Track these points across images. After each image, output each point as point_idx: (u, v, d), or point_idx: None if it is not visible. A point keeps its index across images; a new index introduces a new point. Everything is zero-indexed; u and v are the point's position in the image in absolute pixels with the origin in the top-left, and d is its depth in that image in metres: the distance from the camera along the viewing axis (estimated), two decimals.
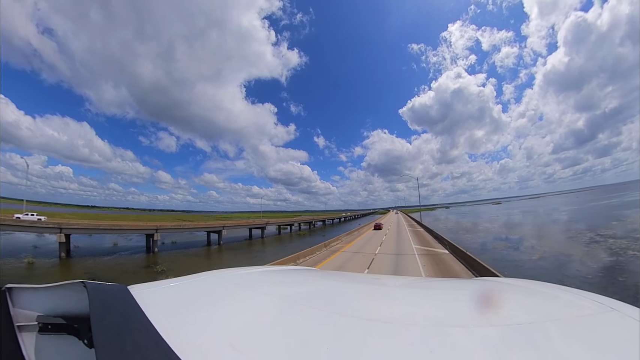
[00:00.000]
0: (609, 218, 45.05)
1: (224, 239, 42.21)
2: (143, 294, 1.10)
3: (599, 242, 26.60)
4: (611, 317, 1.04)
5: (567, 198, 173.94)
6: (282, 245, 42.67)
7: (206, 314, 1.06)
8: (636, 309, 1.08)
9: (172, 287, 1.40)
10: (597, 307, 1.15)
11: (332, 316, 1.07)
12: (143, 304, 0.89)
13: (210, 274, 1.80)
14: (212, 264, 27.65)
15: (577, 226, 40.13)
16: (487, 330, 0.98)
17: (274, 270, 2.41)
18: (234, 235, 53.08)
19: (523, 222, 57.50)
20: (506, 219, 70.12)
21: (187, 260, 29.85)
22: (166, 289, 1.36)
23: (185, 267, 25.11)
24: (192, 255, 33.55)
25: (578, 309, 1.21)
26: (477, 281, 2.59)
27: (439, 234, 25.93)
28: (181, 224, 44.57)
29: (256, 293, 1.51)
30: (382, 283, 2.22)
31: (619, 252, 21.51)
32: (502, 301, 1.50)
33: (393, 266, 14.62)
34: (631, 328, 0.93)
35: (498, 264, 17.41)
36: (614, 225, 36.37)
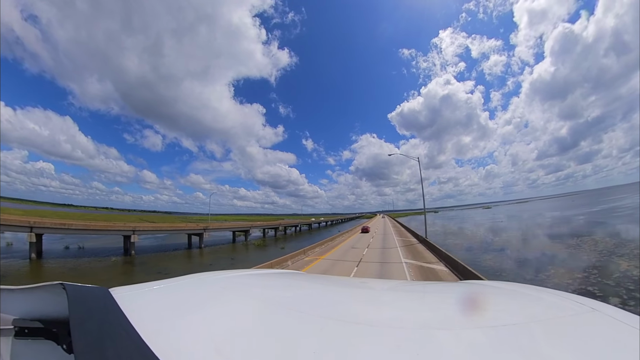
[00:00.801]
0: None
1: (205, 241, 41.41)
2: (125, 297, 1.07)
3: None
4: (592, 317, 1.09)
5: (558, 202, 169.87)
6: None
7: (191, 318, 1.04)
8: (614, 309, 1.16)
9: (155, 290, 1.37)
10: (578, 307, 1.20)
11: (319, 320, 1.07)
12: (125, 307, 0.87)
13: (195, 276, 1.77)
14: (191, 268, 27.10)
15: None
16: (473, 332, 1.00)
17: (261, 273, 2.44)
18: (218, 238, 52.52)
19: (548, 232, 40.11)
20: (516, 226, 55.16)
21: (165, 264, 28.87)
22: (149, 291, 1.33)
23: (163, 271, 24.50)
24: (171, 258, 32.61)
25: (561, 310, 1.25)
26: (463, 284, 2.68)
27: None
28: (161, 225, 43.60)
29: (242, 297, 1.49)
30: (369, 286, 2.25)
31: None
32: (488, 303, 1.53)
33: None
34: (611, 327, 1.01)
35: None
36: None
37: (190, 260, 32.78)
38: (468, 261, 15.25)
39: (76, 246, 36.58)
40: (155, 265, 27.01)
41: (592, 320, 1.07)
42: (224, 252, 37.85)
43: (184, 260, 32.28)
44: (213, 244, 44.35)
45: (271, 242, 50.46)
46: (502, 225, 59.01)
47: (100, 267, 25.91)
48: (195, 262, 31.50)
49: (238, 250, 40.81)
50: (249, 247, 44.42)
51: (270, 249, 39.54)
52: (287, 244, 44.60)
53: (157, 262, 28.95)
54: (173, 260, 31.36)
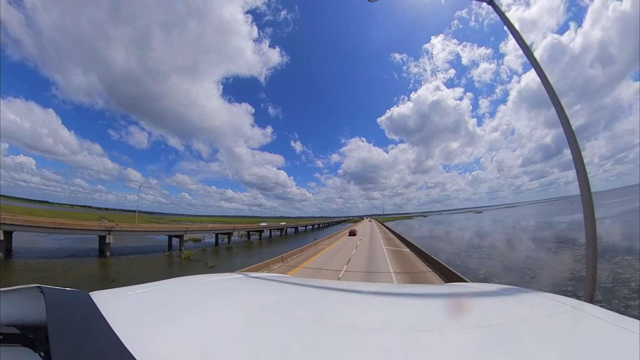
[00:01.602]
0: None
1: (186, 244, 40.40)
2: (106, 301, 1.05)
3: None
4: (574, 315, 1.17)
5: (546, 207, 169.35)
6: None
7: (174, 323, 1.02)
8: (594, 307, 1.24)
9: (138, 294, 1.35)
10: (561, 307, 1.26)
11: (306, 324, 1.07)
12: (106, 312, 0.85)
13: (178, 280, 1.74)
14: (168, 272, 26.30)
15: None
16: (460, 333, 1.03)
17: (246, 277, 2.43)
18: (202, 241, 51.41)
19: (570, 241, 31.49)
20: (526, 232, 47.41)
21: (140, 267, 27.84)
22: (131, 296, 1.31)
23: (138, 275, 23.53)
24: (148, 261, 31.47)
25: (545, 310, 1.29)
26: (449, 286, 2.73)
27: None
28: (140, 226, 42.38)
29: (227, 301, 1.48)
30: (356, 289, 2.26)
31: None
32: (474, 305, 1.57)
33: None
34: (591, 324, 1.08)
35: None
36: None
37: (170, 264, 31.96)
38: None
39: (50, 246, 34.96)
40: (128, 270, 25.89)
41: (574, 319, 1.14)
42: (201, 257, 37.16)
43: (161, 264, 31.18)
44: (195, 247, 43.32)
45: (240, 248, 44.61)
46: (508, 231, 52.11)
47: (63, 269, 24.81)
48: (174, 266, 30.64)
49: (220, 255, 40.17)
50: (159, 262, 42.58)
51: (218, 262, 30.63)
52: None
53: (132, 266, 27.82)
54: (149, 263, 30.32)
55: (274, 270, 15.30)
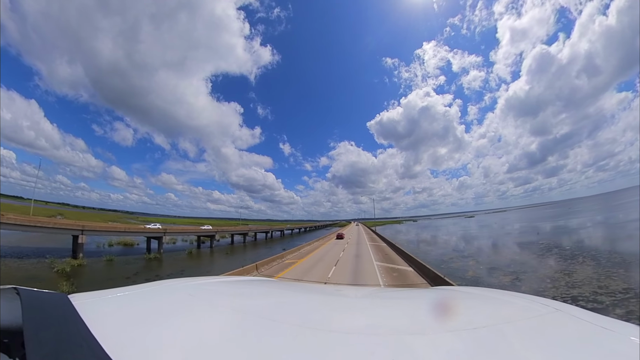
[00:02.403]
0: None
1: (166, 247, 39.20)
2: (86, 304, 1.01)
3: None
4: (557, 316, 1.21)
5: (533, 212, 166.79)
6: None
7: (158, 328, 0.98)
8: (575, 308, 1.29)
9: (119, 297, 1.29)
10: (544, 309, 1.31)
11: (293, 328, 1.06)
12: (86, 316, 0.82)
13: (162, 283, 1.70)
14: (142, 277, 25.17)
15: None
16: (446, 335, 1.04)
17: (232, 280, 2.39)
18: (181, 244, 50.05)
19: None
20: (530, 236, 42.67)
21: (112, 270, 26.64)
22: (113, 299, 1.25)
23: (108, 279, 22.55)
24: (122, 263, 30.25)
25: (528, 312, 1.34)
26: (435, 290, 2.71)
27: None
28: (115, 226, 40.88)
29: (212, 305, 1.45)
30: (343, 294, 2.26)
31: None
32: (459, 308, 1.60)
33: None
34: (573, 324, 1.14)
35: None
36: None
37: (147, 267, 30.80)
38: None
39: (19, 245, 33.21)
40: (99, 273, 24.78)
41: (557, 320, 1.19)
42: (181, 261, 35.92)
43: (135, 267, 29.89)
44: (174, 249, 42.12)
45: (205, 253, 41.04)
46: (527, 237, 42.97)
47: (23, 270, 23.49)
48: (152, 270, 29.39)
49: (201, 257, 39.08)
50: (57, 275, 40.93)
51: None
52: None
53: (107, 268, 26.74)
54: (122, 266, 29.15)
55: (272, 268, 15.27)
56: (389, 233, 68.29)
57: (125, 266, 28.99)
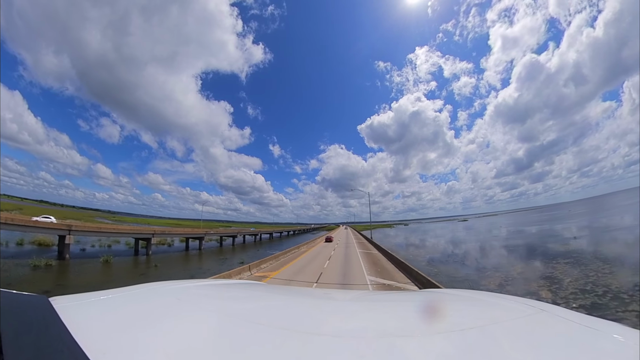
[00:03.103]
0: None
1: (154, 248, 39.14)
2: (68, 308, 1.01)
3: None
4: (542, 317, 1.26)
5: (522, 216, 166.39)
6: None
7: (143, 333, 0.96)
8: (559, 308, 1.36)
9: (103, 300, 1.28)
10: (529, 309, 1.36)
11: (281, 332, 1.06)
12: (68, 320, 0.81)
13: (147, 286, 1.67)
14: (131, 279, 25.00)
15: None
16: (435, 337, 1.07)
17: (219, 284, 2.35)
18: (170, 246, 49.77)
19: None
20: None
21: (101, 274, 25.73)
22: (96, 302, 1.24)
23: (93, 281, 22.40)
24: (110, 265, 29.88)
25: (515, 313, 1.38)
26: (423, 293, 2.79)
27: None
28: (104, 226, 40.67)
29: (199, 309, 1.43)
30: (331, 297, 2.27)
31: None
32: (448, 310, 1.65)
33: None
34: (557, 323, 1.18)
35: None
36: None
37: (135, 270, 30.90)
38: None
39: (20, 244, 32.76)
40: (85, 276, 24.04)
41: (542, 320, 1.23)
42: (173, 263, 35.77)
43: (125, 270, 29.60)
44: (163, 251, 41.94)
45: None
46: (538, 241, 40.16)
47: None
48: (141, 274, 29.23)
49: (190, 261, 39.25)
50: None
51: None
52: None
53: (93, 271, 26.26)
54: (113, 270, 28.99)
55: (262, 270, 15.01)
56: (378, 236, 65.36)
57: (105, 269, 28.08)
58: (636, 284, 14.98)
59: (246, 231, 73.93)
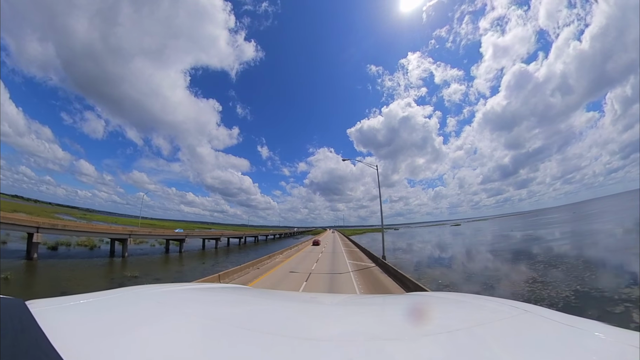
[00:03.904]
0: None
1: (131, 249, 37.51)
2: (45, 312, 0.97)
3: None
4: (526, 317, 1.32)
5: (521, 220, 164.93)
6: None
7: (124, 338, 0.94)
8: (542, 308, 1.42)
9: (82, 305, 1.24)
10: (514, 311, 1.42)
11: (268, 337, 1.05)
12: (45, 325, 0.78)
13: (129, 290, 1.65)
14: (99, 284, 23.53)
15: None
16: (423, 340, 1.09)
17: (203, 288, 2.33)
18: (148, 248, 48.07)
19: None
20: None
21: (69, 279, 22.53)
22: (75, 307, 1.20)
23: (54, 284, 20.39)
24: (82, 268, 27.87)
25: (500, 314, 1.44)
26: (410, 296, 2.88)
27: None
28: (77, 225, 38.67)
29: (183, 314, 1.39)
30: (319, 301, 2.28)
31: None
32: (435, 312, 1.69)
33: None
34: (542, 324, 1.23)
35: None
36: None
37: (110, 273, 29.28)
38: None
39: None
40: (45, 280, 21.74)
41: (527, 320, 1.30)
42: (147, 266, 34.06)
43: (113, 271, 27.96)
44: (142, 253, 40.30)
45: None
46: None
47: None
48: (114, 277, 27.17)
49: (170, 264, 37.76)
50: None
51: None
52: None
53: (59, 274, 23.96)
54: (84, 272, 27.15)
55: (234, 281, 14.66)
56: (366, 242, 59.74)
57: (74, 271, 25.62)
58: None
59: (229, 234, 72.31)
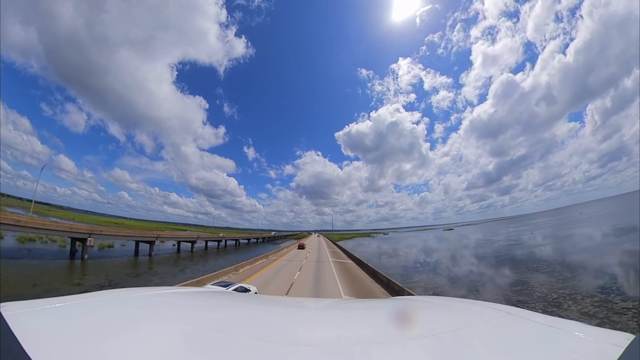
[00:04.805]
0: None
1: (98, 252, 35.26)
2: (19, 316, 0.94)
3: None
4: (509, 319, 1.38)
5: (510, 224, 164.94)
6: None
7: (102, 344, 0.90)
8: (525, 310, 1.49)
9: (58, 308, 1.19)
10: (497, 313, 1.47)
11: (252, 342, 1.03)
12: (18, 329, 0.76)
13: (108, 293, 1.58)
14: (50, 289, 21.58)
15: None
16: (409, 343, 1.11)
17: (185, 292, 2.29)
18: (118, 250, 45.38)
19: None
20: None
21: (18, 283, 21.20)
22: (50, 311, 1.14)
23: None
24: (40, 269, 25.83)
25: (484, 317, 1.48)
26: (395, 300, 2.88)
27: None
28: (32, 221, 35.87)
29: (165, 318, 1.36)
30: (303, 306, 2.28)
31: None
32: (420, 316, 1.70)
33: None
34: (525, 326, 1.29)
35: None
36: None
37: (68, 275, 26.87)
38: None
39: None
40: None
41: (510, 322, 1.35)
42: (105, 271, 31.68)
43: (70, 273, 25.74)
44: (108, 255, 37.91)
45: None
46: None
47: None
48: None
49: None
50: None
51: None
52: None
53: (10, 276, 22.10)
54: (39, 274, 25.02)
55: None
56: (353, 246, 56.20)
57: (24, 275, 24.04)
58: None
59: (206, 236, 69.64)
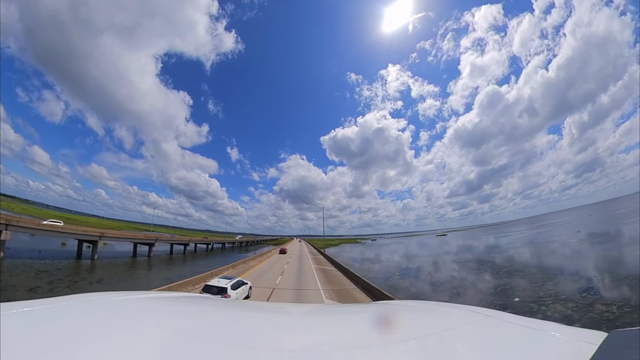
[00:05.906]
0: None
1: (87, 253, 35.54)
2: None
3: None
4: (488, 322, 1.45)
5: (501, 229, 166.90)
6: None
7: (73, 352, 0.86)
8: (502, 313, 1.58)
9: (26, 313, 1.13)
10: (476, 316, 1.54)
11: (232, 349, 1.03)
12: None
13: (80, 297, 1.55)
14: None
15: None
16: (391, 347, 1.14)
17: (163, 297, 2.22)
18: None
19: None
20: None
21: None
22: (17, 315, 1.09)
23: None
24: (67, 268, 26.45)
25: (463, 320, 1.55)
26: (377, 305, 2.97)
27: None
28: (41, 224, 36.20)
29: (140, 324, 1.31)
30: (285, 311, 2.33)
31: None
32: (402, 320, 1.76)
33: None
34: (503, 327, 1.37)
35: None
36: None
37: None
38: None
39: None
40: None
41: (489, 324, 1.42)
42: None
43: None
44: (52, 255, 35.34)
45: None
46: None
47: None
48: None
49: None
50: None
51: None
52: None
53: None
54: None
55: (196, 290, 14.34)
56: (345, 256, 53.85)
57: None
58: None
59: (176, 240, 67.26)
